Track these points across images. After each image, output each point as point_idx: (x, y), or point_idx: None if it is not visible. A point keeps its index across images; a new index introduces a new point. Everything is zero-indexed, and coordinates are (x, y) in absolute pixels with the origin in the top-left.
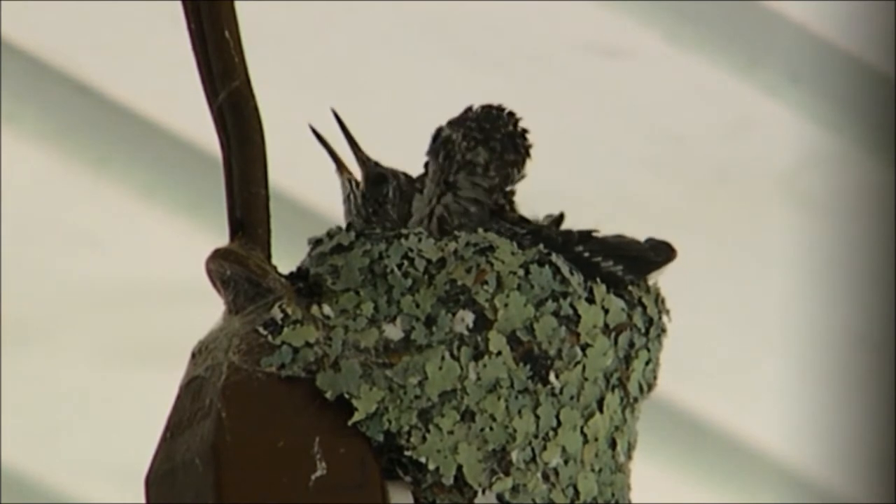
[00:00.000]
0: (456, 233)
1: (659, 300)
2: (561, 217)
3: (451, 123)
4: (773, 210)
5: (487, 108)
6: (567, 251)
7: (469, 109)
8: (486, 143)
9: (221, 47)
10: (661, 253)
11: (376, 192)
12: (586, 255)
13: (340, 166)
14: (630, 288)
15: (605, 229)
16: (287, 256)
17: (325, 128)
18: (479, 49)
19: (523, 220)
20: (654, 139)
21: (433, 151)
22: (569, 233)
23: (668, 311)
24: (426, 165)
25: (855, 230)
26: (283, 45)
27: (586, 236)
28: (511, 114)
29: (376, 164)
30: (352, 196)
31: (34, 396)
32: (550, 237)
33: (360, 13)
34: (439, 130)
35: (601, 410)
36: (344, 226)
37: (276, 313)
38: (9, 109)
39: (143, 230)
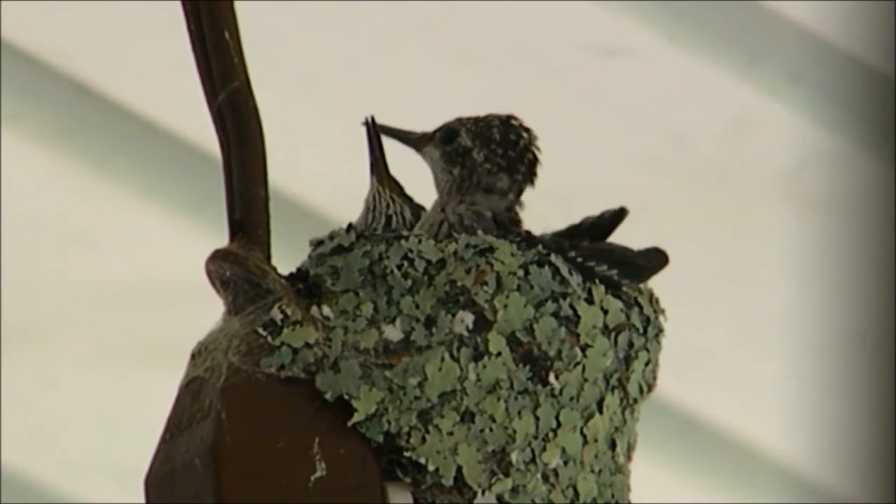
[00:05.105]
0: (455, 234)
1: (653, 300)
2: (622, 212)
3: (469, 131)
4: (773, 210)
5: (509, 126)
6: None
7: (489, 123)
8: (510, 171)
9: (221, 48)
10: (651, 259)
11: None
12: (579, 260)
13: (382, 179)
14: (625, 289)
15: None
16: (287, 257)
17: (325, 131)
18: (478, 49)
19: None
20: (654, 139)
21: (450, 157)
22: (560, 241)
23: (663, 311)
24: (435, 137)
25: (855, 230)
26: (283, 45)
27: (576, 243)
28: (529, 130)
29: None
30: (395, 218)
31: (34, 396)
32: (543, 244)
33: (359, 14)
34: (454, 132)
35: (601, 411)
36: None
37: (276, 314)
38: (9, 109)
39: (143, 230)
